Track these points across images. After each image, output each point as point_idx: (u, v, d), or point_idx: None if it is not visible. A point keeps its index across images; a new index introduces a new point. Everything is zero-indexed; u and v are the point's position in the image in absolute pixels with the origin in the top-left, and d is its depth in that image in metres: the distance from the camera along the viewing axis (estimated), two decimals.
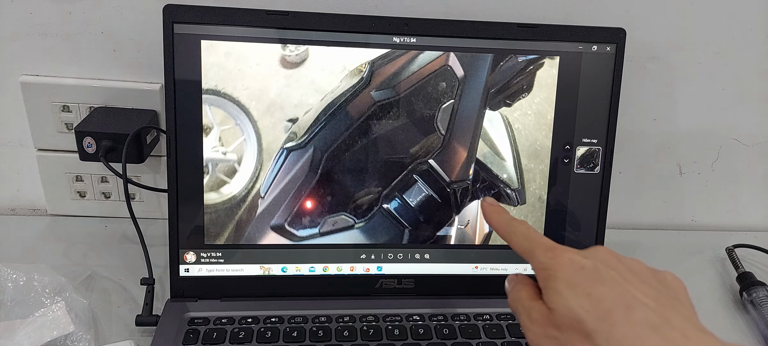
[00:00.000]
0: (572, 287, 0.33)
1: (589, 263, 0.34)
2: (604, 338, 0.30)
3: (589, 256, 0.35)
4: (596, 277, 0.33)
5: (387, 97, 0.52)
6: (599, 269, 0.33)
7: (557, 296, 0.33)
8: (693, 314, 0.32)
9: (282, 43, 0.50)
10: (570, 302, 0.32)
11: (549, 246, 0.36)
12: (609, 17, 0.62)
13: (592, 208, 0.56)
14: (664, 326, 0.30)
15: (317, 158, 0.52)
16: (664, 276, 0.35)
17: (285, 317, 0.51)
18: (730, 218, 0.75)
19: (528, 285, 0.37)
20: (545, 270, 0.35)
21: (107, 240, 0.64)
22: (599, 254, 0.35)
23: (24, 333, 0.47)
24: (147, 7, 0.59)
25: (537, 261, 0.36)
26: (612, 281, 0.33)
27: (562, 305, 0.33)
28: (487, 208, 0.43)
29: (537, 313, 0.34)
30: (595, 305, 0.32)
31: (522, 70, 0.53)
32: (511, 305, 0.37)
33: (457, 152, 0.53)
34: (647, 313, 0.31)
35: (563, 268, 0.34)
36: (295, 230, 0.53)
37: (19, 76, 0.61)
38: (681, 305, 0.32)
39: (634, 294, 0.32)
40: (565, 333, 0.32)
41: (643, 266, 0.35)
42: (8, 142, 0.66)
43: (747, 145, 0.71)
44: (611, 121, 0.54)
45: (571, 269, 0.34)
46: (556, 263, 0.34)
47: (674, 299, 0.33)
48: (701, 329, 0.31)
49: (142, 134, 0.60)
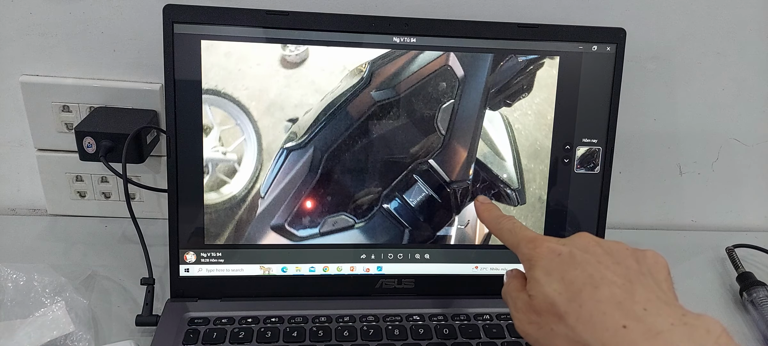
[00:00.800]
0: (548, 274, 0.35)
1: (565, 249, 0.36)
2: (574, 317, 0.32)
3: (568, 243, 0.37)
4: (570, 261, 0.35)
5: (387, 97, 0.52)
6: (574, 254, 0.35)
7: (535, 283, 0.35)
8: (664, 289, 0.34)
9: (282, 43, 0.50)
10: (545, 287, 0.34)
11: (531, 238, 0.38)
12: (609, 17, 0.62)
13: (592, 208, 0.56)
14: (627, 300, 0.32)
15: (317, 158, 0.52)
16: (644, 255, 0.36)
17: (285, 317, 0.51)
18: (730, 218, 0.75)
19: (517, 278, 0.39)
20: (528, 261, 0.37)
21: (107, 240, 0.64)
22: (578, 240, 0.37)
23: (24, 333, 0.47)
24: (147, 7, 0.59)
25: (521, 253, 0.39)
26: (585, 263, 0.34)
27: (538, 291, 0.35)
28: (479, 206, 0.46)
29: (521, 302, 0.37)
30: (566, 287, 0.34)
31: (522, 70, 0.53)
32: (503, 297, 0.40)
33: (457, 152, 0.53)
34: (613, 289, 0.32)
35: (542, 257, 0.36)
36: (295, 230, 0.53)
37: (19, 76, 0.62)
38: (652, 280, 0.34)
39: (603, 274, 0.33)
40: (542, 317, 0.34)
41: (624, 247, 0.36)
42: (8, 142, 0.66)
43: (747, 145, 0.71)
44: (611, 121, 0.54)
45: (549, 257, 0.36)
46: (536, 254, 0.37)
47: (645, 274, 0.34)
48: (666, 302, 0.32)
49: (142, 134, 0.60)
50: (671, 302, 0.33)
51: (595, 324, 0.31)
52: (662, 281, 0.34)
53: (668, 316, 0.31)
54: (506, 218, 0.43)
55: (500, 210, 0.46)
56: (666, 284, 0.34)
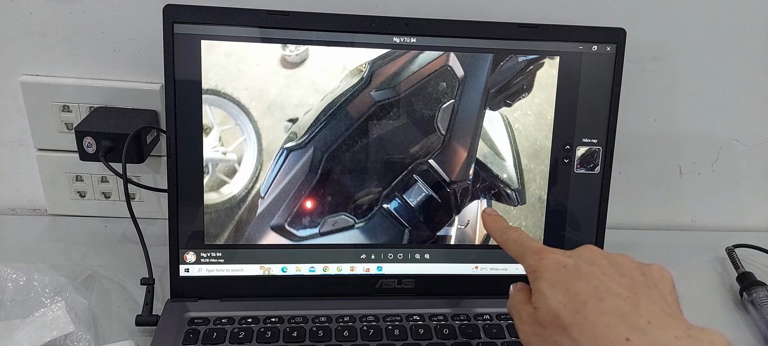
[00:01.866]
0: (553, 286, 0.35)
1: (571, 261, 0.36)
2: (578, 329, 0.32)
3: (573, 255, 0.37)
4: (576, 273, 0.35)
5: (387, 98, 0.52)
6: (580, 266, 0.35)
7: (540, 296, 0.35)
8: (669, 303, 0.34)
9: (282, 43, 0.50)
10: (550, 299, 0.34)
11: (536, 249, 0.38)
12: (609, 17, 0.62)
13: (592, 208, 0.56)
14: (631, 313, 0.32)
15: (317, 158, 0.52)
16: (649, 269, 0.36)
17: (285, 317, 0.51)
18: (730, 218, 0.75)
19: (523, 291, 0.39)
20: (533, 272, 0.37)
21: (107, 240, 0.64)
22: (584, 252, 0.37)
23: (24, 333, 0.47)
24: (147, 7, 0.59)
25: (526, 264, 0.39)
26: (590, 275, 0.34)
27: (543, 304, 0.35)
28: (485, 217, 0.47)
29: (526, 314, 0.37)
30: (571, 299, 0.33)
31: (522, 70, 0.53)
32: (508, 310, 0.40)
33: (457, 152, 0.53)
34: (617, 302, 0.32)
35: (547, 269, 0.36)
36: (295, 230, 0.53)
37: (19, 76, 0.62)
38: (657, 293, 0.34)
39: (608, 286, 0.33)
40: (547, 329, 0.34)
41: (629, 260, 0.36)
42: (8, 142, 0.66)
43: (747, 146, 0.71)
44: (611, 121, 0.54)
45: (554, 269, 0.36)
46: (541, 265, 0.37)
47: (651, 287, 0.34)
48: (670, 315, 0.32)
49: (142, 134, 0.60)
50: (676, 315, 0.33)
51: (598, 336, 0.31)
52: (667, 294, 0.34)
53: (672, 329, 0.31)
54: (513, 229, 0.43)
55: (507, 221, 0.46)
56: (671, 297, 0.34)
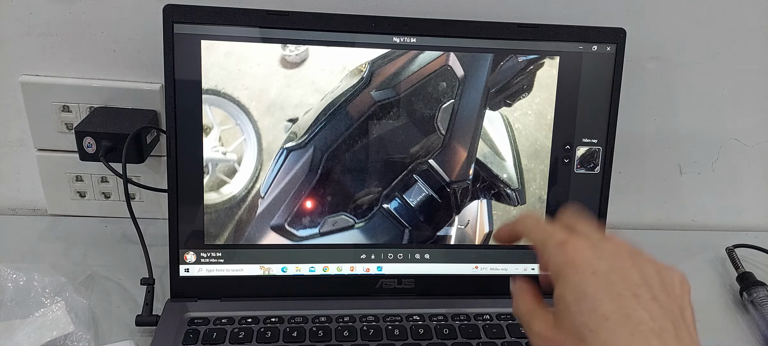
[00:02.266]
0: (581, 300, 0.32)
1: (602, 266, 0.33)
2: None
3: (604, 256, 0.33)
4: (607, 287, 0.32)
5: (387, 97, 0.52)
6: (611, 279, 0.32)
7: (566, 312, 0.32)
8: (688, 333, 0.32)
9: (282, 43, 0.50)
10: (576, 319, 0.31)
11: (560, 241, 0.35)
12: (609, 17, 0.62)
13: (592, 208, 0.56)
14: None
15: (317, 158, 0.52)
16: (672, 283, 0.33)
17: (285, 317, 0.51)
18: (730, 218, 0.75)
19: (529, 292, 0.37)
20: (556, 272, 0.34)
21: (107, 240, 0.64)
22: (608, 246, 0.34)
23: (24, 333, 0.47)
24: (147, 7, 0.59)
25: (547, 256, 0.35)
26: (621, 297, 0.31)
27: (569, 322, 0.32)
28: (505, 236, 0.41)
29: (540, 323, 0.34)
30: (599, 324, 0.31)
31: (522, 70, 0.53)
32: (515, 315, 0.37)
33: (457, 152, 0.53)
34: (649, 339, 0.30)
35: (574, 271, 0.33)
36: (295, 230, 0.53)
37: (19, 76, 0.61)
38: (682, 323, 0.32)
39: (640, 317, 0.31)
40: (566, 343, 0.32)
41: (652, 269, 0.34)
42: (8, 142, 0.66)
43: (747, 145, 0.71)
44: (611, 121, 0.54)
45: (582, 274, 0.32)
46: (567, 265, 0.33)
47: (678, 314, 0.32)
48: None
49: (142, 134, 0.60)
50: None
51: None
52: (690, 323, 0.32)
53: None
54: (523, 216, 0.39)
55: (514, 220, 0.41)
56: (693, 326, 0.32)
